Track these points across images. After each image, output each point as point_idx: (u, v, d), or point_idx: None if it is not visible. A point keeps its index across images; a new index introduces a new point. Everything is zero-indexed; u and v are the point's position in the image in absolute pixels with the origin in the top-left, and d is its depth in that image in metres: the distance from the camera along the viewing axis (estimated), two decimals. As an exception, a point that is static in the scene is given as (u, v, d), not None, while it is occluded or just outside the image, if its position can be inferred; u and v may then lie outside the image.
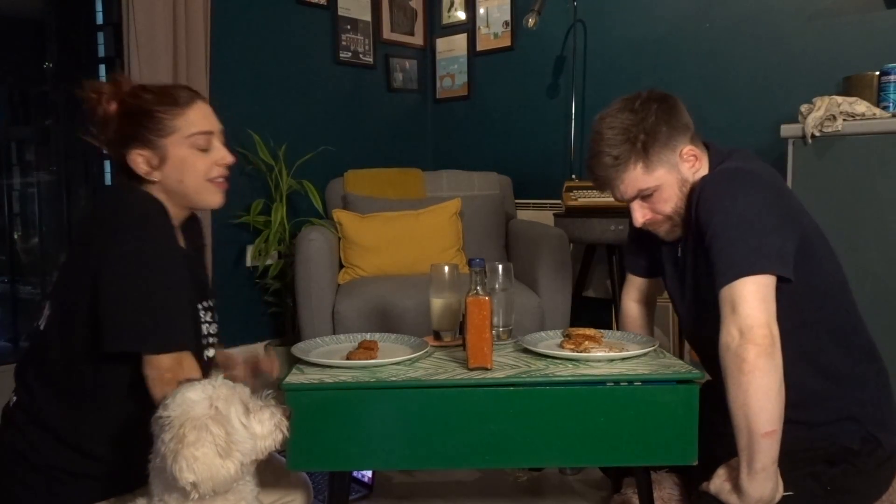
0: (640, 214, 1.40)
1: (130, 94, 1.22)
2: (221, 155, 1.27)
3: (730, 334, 1.16)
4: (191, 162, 1.23)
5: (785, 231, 1.21)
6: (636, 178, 1.35)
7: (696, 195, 1.29)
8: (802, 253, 1.23)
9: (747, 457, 1.15)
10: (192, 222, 1.39)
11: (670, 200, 1.36)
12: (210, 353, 1.33)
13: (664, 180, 1.35)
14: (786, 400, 1.16)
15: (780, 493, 1.18)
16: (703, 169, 1.37)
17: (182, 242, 1.30)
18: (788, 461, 1.19)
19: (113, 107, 1.22)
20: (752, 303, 1.15)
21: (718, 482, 1.22)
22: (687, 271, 1.40)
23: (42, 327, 1.20)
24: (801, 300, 1.25)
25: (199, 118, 1.24)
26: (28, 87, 3.02)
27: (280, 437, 1.04)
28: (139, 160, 1.20)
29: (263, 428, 1.02)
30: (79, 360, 1.15)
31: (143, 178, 1.22)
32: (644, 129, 1.33)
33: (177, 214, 1.26)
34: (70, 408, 1.15)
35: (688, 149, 1.35)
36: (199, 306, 1.30)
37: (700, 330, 1.40)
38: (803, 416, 1.25)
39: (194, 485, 0.93)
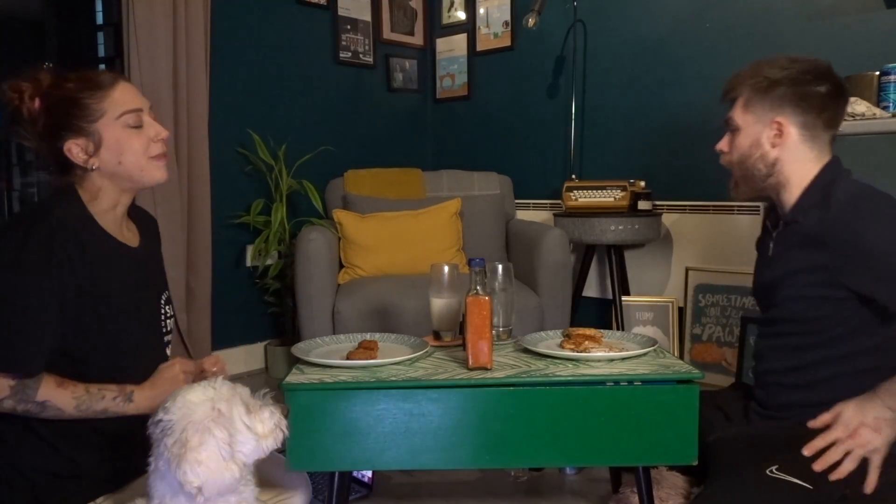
0: (723, 142, 1.46)
1: (51, 87, 1.21)
2: (156, 131, 1.25)
3: None
4: (126, 141, 1.21)
5: None
6: (736, 107, 1.42)
7: (830, 199, 1.30)
8: None
9: None
10: (144, 217, 1.39)
11: (739, 150, 1.41)
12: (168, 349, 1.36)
13: (747, 129, 1.40)
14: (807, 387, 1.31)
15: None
16: (787, 150, 1.37)
17: (134, 236, 1.31)
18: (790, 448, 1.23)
19: (37, 103, 1.21)
20: None
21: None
22: (776, 261, 1.43)
23: None
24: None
25: (125, 97, 1.22)
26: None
27: (281, 435, 1.04)
28: (75, 150, 1.19)
29: (265, 427, 1.02)
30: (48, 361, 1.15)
31: (82, 168, 1.20)
32: (771, 80, 1.38)
33: (120, 200, 1.26)
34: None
35: (781, 120, 1.36)
36: (161, 300, 1.31)
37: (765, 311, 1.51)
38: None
39: (199, 488, 0.93)
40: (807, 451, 1.20)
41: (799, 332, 1.35)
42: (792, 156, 1.36)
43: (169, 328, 1.34)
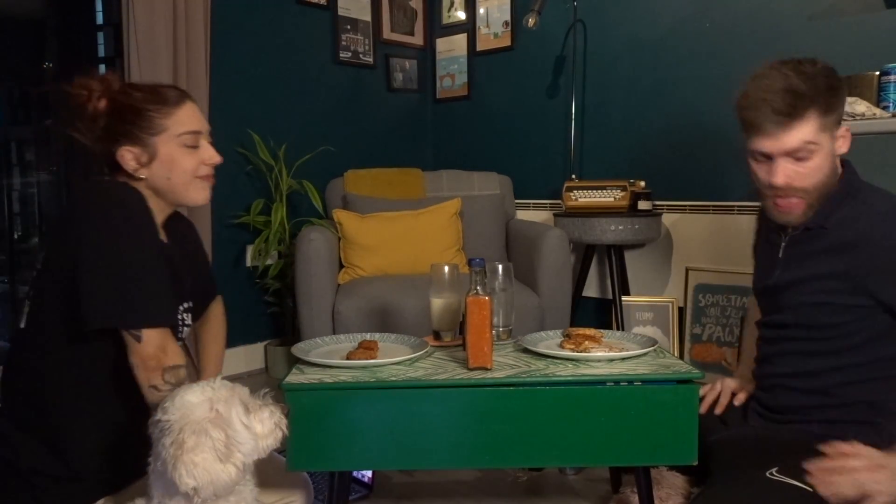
0: (785, 175, 1.27)
1: (120, 92, 1.23)
2: (209, 154, 1.28)
3: None
4: (179, 160, 1.24)
5: None
6: (806, 128, 1.23)
7: (864, 206, 1.27)
8: None
9: None
10: (180, 223, 1.40)
11: (819, 172, 1.27)
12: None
13: (824, 146, 1.26)
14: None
15: None
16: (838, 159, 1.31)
17: (165, 238, 1.31)
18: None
19: (103, 104, 1.23)
20: None
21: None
22: (789, 265, 1.37)
23: (23, 326, 1.20)
24: None
25: (189, 118, 1.25)
26: (28, 87, 3.02)
27: (280, 435, 1.04)
28: (128, 157, 1.21)
29: (264, 427, 1.02)
30: (62, 353, 1.15)
31: (129, 174, 1.23)
32: (828, 86, 1.24)
33: (160, 210, 1.27)
34: (54, 407, 1.15)
35: (844, 127, 1.29)
36: (181, 307, 1.30)
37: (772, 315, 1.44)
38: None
39: (195, 490, 0.93)
40: (811, 468, 1.16)
41: (812, 337, 1.33)
42: (838, 158, 1.32)
43: (183, 335, 1.33)
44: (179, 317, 1.31)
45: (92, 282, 1.09)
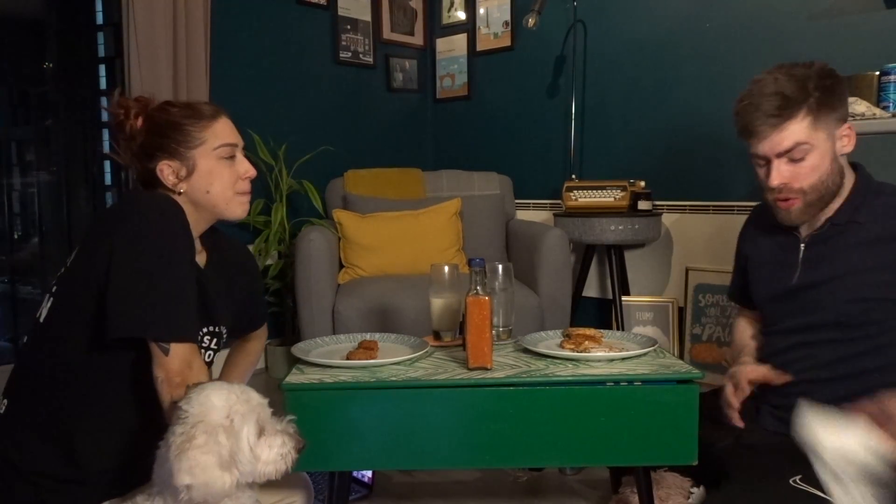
0: (780, 176, 1.31)
1: (157, 109, 1.26)
2: (246, 168, 1.30)
3: None
4: (217, 172, 1.26)
5: None
6: (798, 130, 1.28)
7: None
8: None
9: None
10: (226, 245, 1.39)
11: (818, 171, 1.30)
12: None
13: (820, 146, 1.29)
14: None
15: None
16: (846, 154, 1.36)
17: (203, 258, 1.31)
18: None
19: (140, 122, 1.25)
20: None
21: None
22: (815, 264, 1.37)
23: (42, 320, 1.19)
24: None
25: (225, 131, 1.27)
26: (28, 87, 3.02)
27: (283, 468, 1.01)
28: (167, 171, 1.23)
29: (270, 453, 1.00)
30: (80, 357, 1.14)
31: (169, 189, 1.24)
32: (820, 87, 1.28)
33: (198, 224, 1.28)
34: (67, 409, 1.14)
35: (847, 126, 1.32)
36: (203, 329, 1.27)
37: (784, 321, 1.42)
38: None
39: (188, 488, 0.92)
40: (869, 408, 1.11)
41: (851, 337, 1.30)
42: (846, 158, 1.36)
43: (205, 359, 1.28)
44: (201, 339, 1.28)
45: (123, 289, 1.08)
